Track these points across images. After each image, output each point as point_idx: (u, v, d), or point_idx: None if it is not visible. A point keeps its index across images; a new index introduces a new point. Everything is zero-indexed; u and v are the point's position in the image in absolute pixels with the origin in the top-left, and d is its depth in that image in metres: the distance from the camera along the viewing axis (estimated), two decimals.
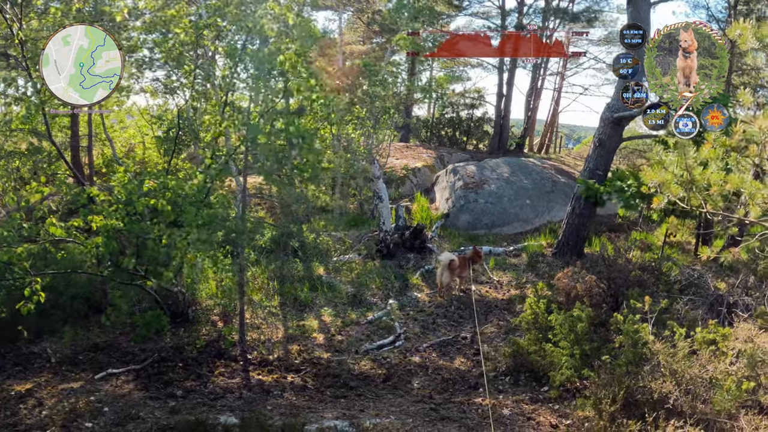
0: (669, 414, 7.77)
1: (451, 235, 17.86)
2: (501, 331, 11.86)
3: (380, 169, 16.76)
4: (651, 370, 8.28)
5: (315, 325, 11.73)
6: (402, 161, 23.32)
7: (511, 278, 14.75)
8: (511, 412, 8.84)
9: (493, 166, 21.68)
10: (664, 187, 7.27)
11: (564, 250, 15.90)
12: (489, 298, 13.64)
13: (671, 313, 10.35)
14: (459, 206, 19.39)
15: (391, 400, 9.30)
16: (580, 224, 16.00)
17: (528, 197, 20.02)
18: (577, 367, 9.34)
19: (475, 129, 31.19)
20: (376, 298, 13.26)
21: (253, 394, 9.20)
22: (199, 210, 9.05)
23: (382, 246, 15.11)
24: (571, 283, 11.72)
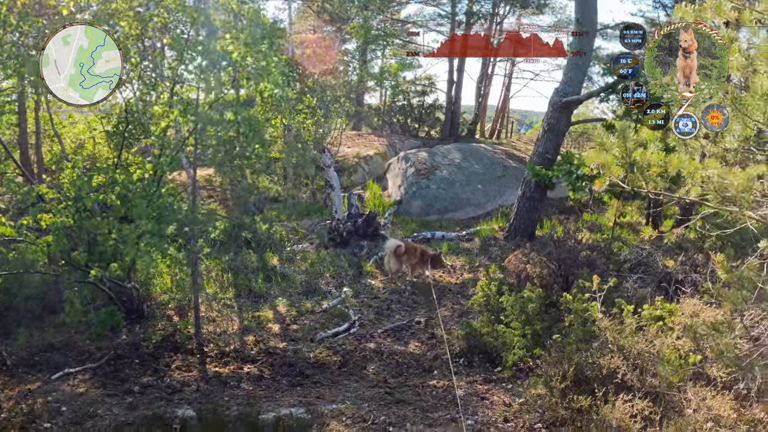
0: (618, 388, 7.96)
1: (404, 221, 17.97)
2: (455, 315, 11.99)
3: (331, 157, 16.79)
4: (600, 346, 8.48)
5: (270, 316, 11.73)
6: (354, 149, 23.33)
7: (464, 262, 14.90)
8: (465, 393, 8.96)
9: (445, 152, 21.80)
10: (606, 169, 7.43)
11: (515, 234, 16.09)
12: (443, 283, 13.78)
13: (621, 292, 10.56)
14: (411, 193, 19.49)
15: (346, 386, 9.38)
16: (530, 207, 16.21)
17: (479, 182, 20.19)
18: (529, 346, 9.52)
19: (426, 116, 31.28)
20: (330, 287, 13.30)
21: (210, 386, 9.18)
22: (150, 203, 9.00)
23: (335, 234, 15.14)
24: (522, 265, 11.90)
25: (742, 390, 8.05)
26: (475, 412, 8.39)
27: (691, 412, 7.79)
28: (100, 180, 9.21)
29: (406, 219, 18.21)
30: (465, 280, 13.75)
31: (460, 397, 8.82)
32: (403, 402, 8.63)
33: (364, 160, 22.59)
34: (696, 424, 7.53)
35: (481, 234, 16.59)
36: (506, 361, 9.51)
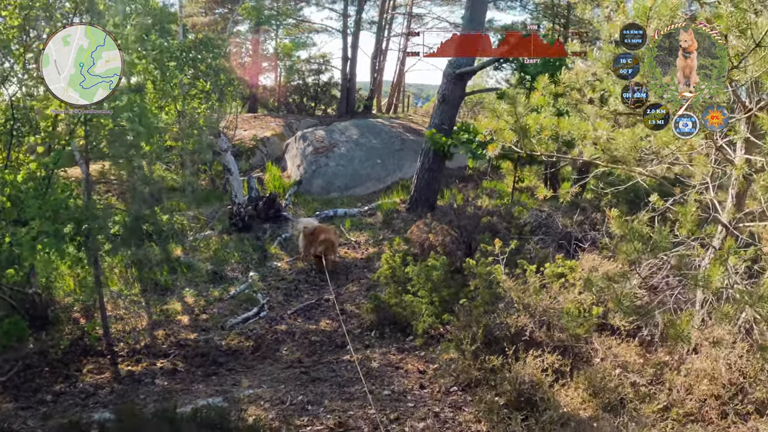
0: (528, 345, 8.23)
1: (306, 201, 17.94)
2: (363, 289, 12.11)
3: (228, 141, 16.57)
4: (506, 307, 8.73)
5: (179, 308, 11.60)
6: (250, 132, 23.04)
7: (368, 237, 15.02)
8: (379, 365, 9.09)
9: (342, 129, 21.80)
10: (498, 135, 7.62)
11: (417, 205, 16.29)
12: (348, 259, 13.86)
13: (523, 254, 10.86)
14: (311, 172, 19.44)
15: (262, 370, 9.38)
16: (430, 178, 16.42)
17: (378, 157, 20.29)
18: (437, 313, 9.70)
19: (322, 94, 31.17)
20: (236, 273, 13.22)
21: (124, 386, 9.03)
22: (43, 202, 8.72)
23: (237, 219, 15.01)
24: (424, 234, 12.07)
25: (646, 336, 8.45)
26: (391, 382, 8.52)
27: (599, 361, 8.13)
28: None
29: (307, 198, 18.18)
30: (370, 254, 13.88)
31: (375, 369, 8.95)
32: (319, 380, 8.69)
33: (261, 142, 22.36)
34: (604, 371, 7.86)
35: (383, 208, 16.72)
36: (417, 330, 9.67)
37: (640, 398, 7.55)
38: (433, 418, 7.52)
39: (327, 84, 31.19)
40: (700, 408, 7.39)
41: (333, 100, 30.88)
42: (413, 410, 7.67)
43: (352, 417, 7.49)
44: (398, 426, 7.32)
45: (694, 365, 7.78)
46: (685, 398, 7.46)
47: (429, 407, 7.76)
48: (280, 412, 7.70)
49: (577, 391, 7.68)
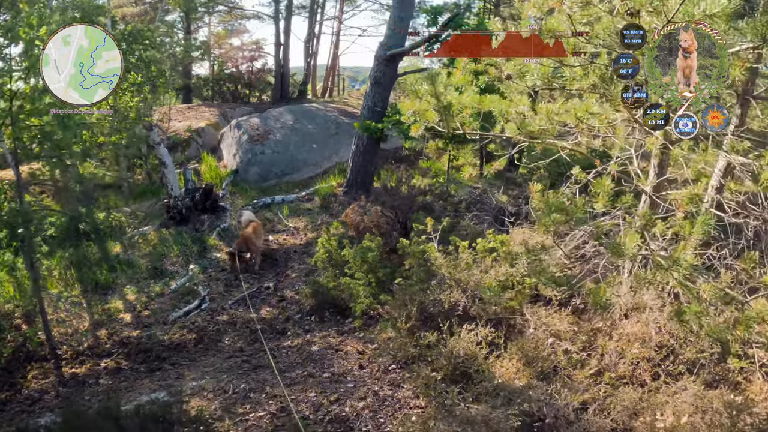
0: (462, 320, 8.44)
1: (243, 190, 17.86)
2: (302, 275, 12.22)
3: (161, 134, 16.46)
4: (438, 283, 8.93)
5: (120, 306, 11.53)
6: (185, 123, 22.77)
7: (306, 222, 15.08)
8: (319, 348, 9.24)
9: (277, 115, 21.72)
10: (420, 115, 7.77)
11: (354, 188, 16.37)
12: (287, 246, 13.93)
13: (458, 230, 11.06)
14: (247, 160, 19.35)
15: (204, 362, 9.45)
16: (365, 161, 16.52)
17: (314, 142, 20.30)
18: (375, 294, 9.86)
19: (257, 81, 30.90)
20: (176, 266, 13.17)
21: (69, 388, 9.01)
22: None
23: (174, 212, 14.91)
24: (359, 217, 12.19)
25: (579, 305, 8.70)
26: (331, 365, 8.68)
27: (532, 331, 8.37)
28: None
29: (244, 187, 18.09)
30: (309, 239, 13.95)
31: (315, 353, 9.10)
32: (261, 367, 8.81)
33: (196, 132, 22.13)
34: (537, 341, 8.12)
35: (320, 193, 16.75)
36: (355, 311, 9.83)
37: (572, 365, 7.83)
38: (373, 396, 7.70)
39: (261, 71, 30.93)
40: (633, 371, 7.68)
41: (268, 87, 30.67)
42: (353, 390, 7.85)
43: (294, 401, 7.63)
44: (338, 407, 7.49)
45: (626, 330, 8.07)
46: (617, 362, 7.75)
47: (368, 386, 7.94)
48: (223, 401, 7.81)
49: (511, 361, 7.94)
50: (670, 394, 7.11)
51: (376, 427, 7.13)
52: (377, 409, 7.43)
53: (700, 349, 7.58)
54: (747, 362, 7.39)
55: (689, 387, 7.09)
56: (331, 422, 7.22)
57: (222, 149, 21.07)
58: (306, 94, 30.26)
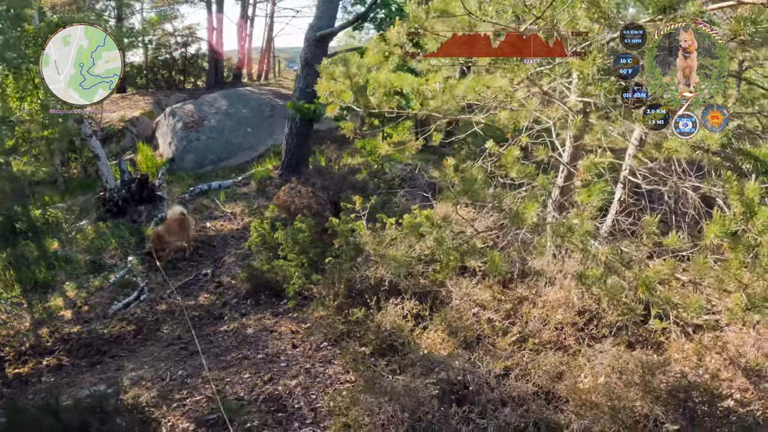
0: (389, 294, 8.70)
1: (180, 178, 17.90)
2: (239, 259, 12.35)
3: (92, 126, 16.37)
4: (365, 260, 9.17)
5: (61, 303, 11.60)
6: (118, 113, 22.55)
7: (243, 207, 15.20)
8: (254, 331, 9.44)
9: (211, 101, 21.68)
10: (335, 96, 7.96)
11: (289, 170, 16.47)
12: (225, 231, 14.06)
13: (390, 207, 11.30)
14: (182, 148, 19.36)
15: (143, 352, 9.58)
16: (299, 143, 16.63)
17: (249, 126, 20.36)
18: (307, 274, 10.06)
19: (191, 67, 30.71)
20: (115, 259, 13.23)
21: (12, 389, 9.07)
22: None
23: (111, 205, 14.89)
24: (290, 198, 12.35)
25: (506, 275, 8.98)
26: (266, 346, 8.90)
27: (457, 302, 8.65)
28: None
29: (181, 175, 18.12)
30: (245, 224, 14.03)
31: (250, 335, 9.30)
32: (197, 353, 8.97)
33: (130, 122, 21.97)
34: (461, 311, 8.41)
35: (256, 176, 16.87)
36: (289, 293, 10.02)
37: (495, 333, 8.13)
38: (305, 374, 7.94)
39: (195, 56, 30.72)
40: (558, 336, 8.02)
41: (202, 73, 30.52)
42: (286, 369, 8.08)
43: (229, 383, 7.84)
44: (272, 386, 7.71)
45: (550, 297, 8.41)
46: (542, 329, 8.08)
47: (301, 365, 8.17)
48: (160, 389, 7.97)
49: (436, 332, 8.22)
50: (590, 357, 7.45)
51: (308, 403, 7.37)
52: (309, 386, 7.66)
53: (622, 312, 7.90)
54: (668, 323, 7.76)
55: (609, 349, 7.45)
56: (265, 401, 7.43)
57: (158, 138, 20.99)
58: (241, 78, 30.16)
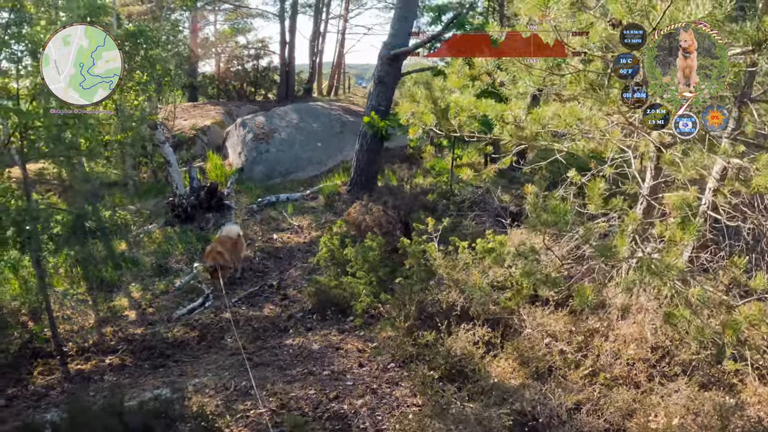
0: (460, 320, 8.55)
1: (248, 188, 17.97)
2: (305, 273, 12.31)
3: (166, 132, 16.58)
4: (437, 283, 9.04)
5: (125, 303, 11.67)
6: (190, 121, 22.89)
7: (310, 221, 15.20)
8: (320, 346, 9.35)
9: (282, 114, 21.83)
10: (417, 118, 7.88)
11: (357, 187, 16.47)
12: (291, 244, 14.05)
13: (460, 230, 11.16)
14: (252, 158, 19.48)
15: (207, 359, 9.54)
16: (369, 160, 16.61)
17: (319, 140, 20.42)
18: (376, 293, 9.97)
19: (262, 79, 31.05)
20: (181, 264, 13.29)
21: (74, 385, 9.09)
22: None
23: (179, 210, 15.04)
24: (361, 216, 12.29)
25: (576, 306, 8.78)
26: (331, 363, 8.78)
27: (529, 331, 8.47)
28: None
29: (249, 186, 18.20)
30: (312, 238, 14.05)
31: (316, 351, 9.21)
32: (262, 364, 8.92)
33: (201, 131, 22.27)
34: (533, 341, 8.22)
35: (324, 191, 16.87)
36: (356, 310, 9.93)
37: (567, 365, 7.92)
38: (371, 394, 7.81)
39: (266, 69, 31.08)
40: (629, 372, 7.77)
41: (273, 85, 30.80)
42: (352, 388, 7.96)
43: (294, 398, 7.74)
44: (337, 404, 7.59)
45: (622, 331, 8.16)
46: (613, 363, 7.84)
47: (367, 384, 8.05)
48: (224, 398, 7.91)
49: (507, 361, 8.05)
50: (664, 396, 7.20)
51: (373, 424, 7.24)
52: (375, 407, 7.54)
53: (696, 351, 7.63)
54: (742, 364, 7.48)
55: (683, 389, 7.20)
56: (330, 419, 7.32)
57: (227, 147, 21.19)
58: (311, 92, 30.37)
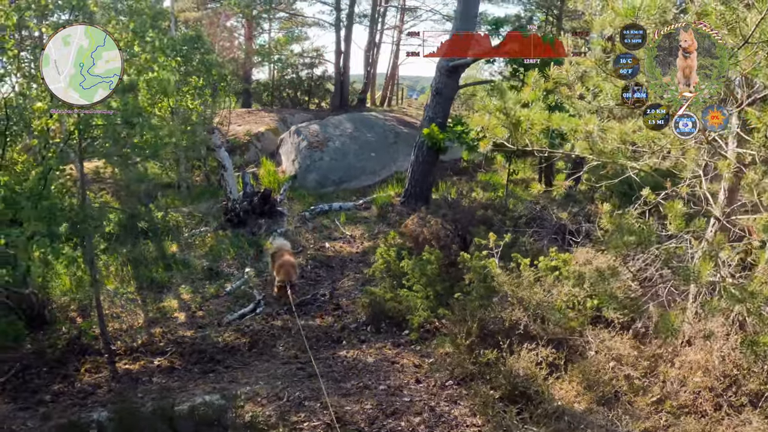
0: (522, 339, 8.29)
1: (301, 195, 17.92)
2: (358, 284, 12.17)
3: (221, 137, 16.58)
4: (500, 300, 8.79)
5: (175, 305, 11.61)
6: (244, 127, 23.03)
7: (363, 231, 15.07)
8: (375, 360, 9.14)
9: (336, 123, 21.79)
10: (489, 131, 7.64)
11: (412, 198, 16.35)
12: (344, 254, 13.90)
13: (518, 246, 10.90)
14: (305, 166, 19.42)
15: (258, 367, 9.40)
16: (424, 171, 16.47)
17: (373, 150, 20.30)
18: (432, 307, 9.77)
19: (316, 88, 31.14)
20: (232, 268, 13.21)
21: (122, 384, 9.02)
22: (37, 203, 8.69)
23: (232, 215, 15.01)
24: (418, 228, 12.11)
25: (640, 329, 8.49)
26: (387, 377, 8.57)
27: (593, 354, 8.18)
28: None
29: (302, 193, 18.16)
30: (365, 248, 13.92)
31: (371, 364, 9.00)
32: (316, 375, 8.71)
33: (255, 137, 22.35)
34: (599, 364, 7.92)
35: (377, 201, 16.76)
36: (412, 324, 9.73)
37: (634, 391, 7.62)
38: (429, 412, 7.57)
39: (321, 78, 31.18)
40: (695, 400, 7.45)
41: (327, 94, 30.85)
42: (409, 405, 7.72)
43: (349, 412, 7.54)
44: (395, 420, 7.37)
45: (688, 357, 7.84)
46: (679, 390, 7.53)
47: (425, 401, 7.81)
48: (277, 408, 7.74)
49: (571, 384, 7.77)
50: (735, 427, 6.90)
51: None
52: (433, 426, 7.30)
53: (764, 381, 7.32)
54: None
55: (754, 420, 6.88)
56: None
57: (281, 154, 21.19)
58: (365, 102, 30.31)
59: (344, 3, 28.93)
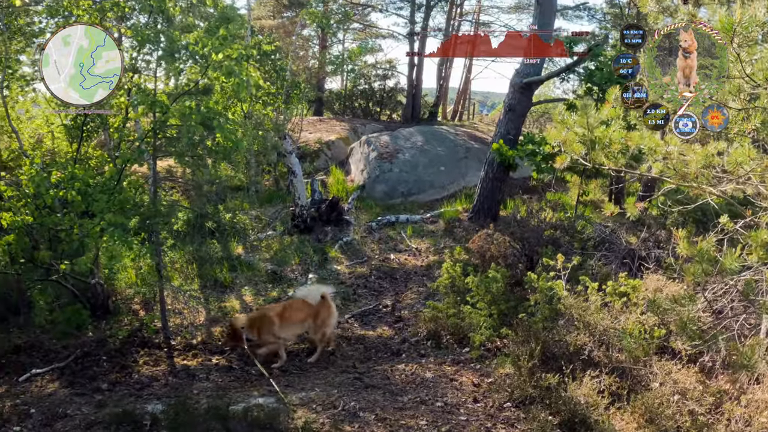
0: (585, 365, 8.09)
1: (368, 206, 17.93)
2: (421, 297, 12.05)
3: (293, 144, 16.68)
4: (566, 324, 8.59)
5: (236, 306, 11.64)
6: (315, 135, 23.18)
7: (429, 245, 14.96)
8: (433, 375, 9.00)
9: (407, 135, 21.77)
10: (567, 146, 7.47)
11: (479, 215, 16.20)
12: (408, 266, 13.81)
13: (585, 269, 10.66)
14: (374, 177, 19.44)
15: (315, 373, 9.35)
16: (494, 188, 16.31)
17: (442, 164, 20.19)
18: (495, 326, 9.60)
19: (387, 99, 31.24)
20: (295, 274, 13.24)
21: (178, 379, 9.09)
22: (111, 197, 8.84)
23: (299, 221, 15.07)
24: (486, 245, 11.95)
25: (707, 362, 8.19)
26: (445, 394, 8.43)
27: (658, 386, 7.92)
28: (59, 176, 9.01)
29: (369, 203, 18.16)
30: (430, 262, 13.82)
31: (429, 379, 8.87)
32: (373, 386, 8.64)
33: (326, 145, 22.48)
34: (662, 397, 7.66)
35: (445, 216, 16.65)
36: (473, 342, 9.57)
37: (697, 427, 7.31)
38: None
39: (393, 89, 31.28)
40: None
41: (398, 106, 30.92)
42: (465, 424, 7.57)
43: (403, 427, 7.42)
44: None
45: (755, 396, 7.53)
46: (743, 430, 7.22)
47: (481, 422, 7.65)
48: (331, 416, 7.67)
49: (633, 415, 7.52)
50: None
51: None
52: None
53: None
54: None
55: None
56: None
57: (350, 163, 21.25)
58: (436, 116, 30.25)
59: (418, 16, 28.98)
